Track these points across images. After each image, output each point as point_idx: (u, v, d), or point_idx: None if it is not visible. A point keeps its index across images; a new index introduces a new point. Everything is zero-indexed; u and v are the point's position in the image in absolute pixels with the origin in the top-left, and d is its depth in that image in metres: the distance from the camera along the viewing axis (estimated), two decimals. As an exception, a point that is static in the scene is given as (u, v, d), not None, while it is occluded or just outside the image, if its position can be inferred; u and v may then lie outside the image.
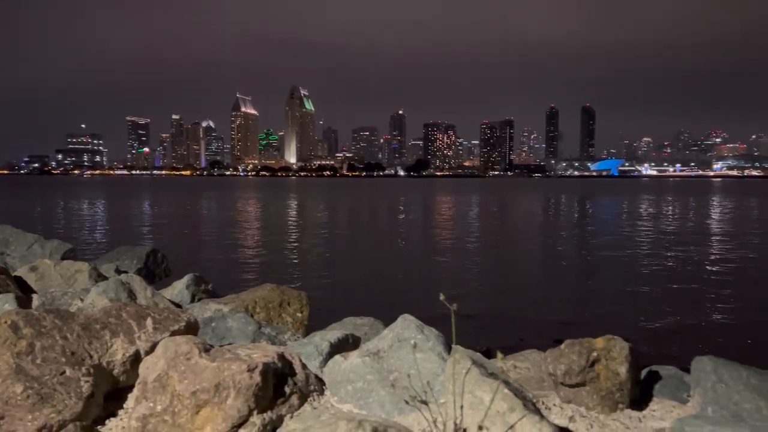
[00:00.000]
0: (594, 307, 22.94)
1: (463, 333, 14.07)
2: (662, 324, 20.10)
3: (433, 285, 25.97)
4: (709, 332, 19.16)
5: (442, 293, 3.14)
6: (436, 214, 75.13)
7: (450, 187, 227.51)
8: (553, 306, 22.78)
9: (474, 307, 22.21)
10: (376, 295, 23.20)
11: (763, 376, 3.81)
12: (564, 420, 3.79)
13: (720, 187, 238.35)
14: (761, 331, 19.26)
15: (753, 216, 74.87)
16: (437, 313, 20.80)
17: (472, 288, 26.10)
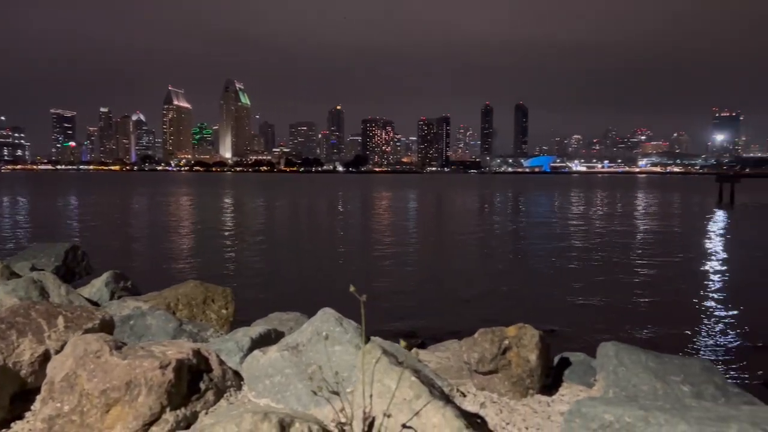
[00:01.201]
0: (514, 296, 23.68)
1: (389, 324, 14.21)
2: (576, 312, 20.97)
3: (365, 279, 26.10)
4: (618, 319, 20.13)
5: (352, 285, 3.18)
6: (372, 210, 75.43)
7: (388, 182, 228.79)
8: (477, 297, 23.37)
9: (401, 299, 22.51)
10: (306, 290, 23.13)
11: (660, 359, 4.05)
12: (476, 406, 3.91)
13: (644, 183, 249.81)
14: (664, 317, 20.39)
15: (671, 211, 78.87)
16: (370, 306, 20.92)
17: (402, 281, 26.40)
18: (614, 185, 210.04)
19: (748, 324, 19.58)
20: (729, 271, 30.11)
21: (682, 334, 18.42)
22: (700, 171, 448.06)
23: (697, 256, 34.62)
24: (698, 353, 16.54)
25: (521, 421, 3.64)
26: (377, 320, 18.49)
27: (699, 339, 18.02)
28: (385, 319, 18.93)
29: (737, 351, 17.05)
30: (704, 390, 3.79)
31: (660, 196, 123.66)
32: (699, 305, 22.33)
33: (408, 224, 54.78)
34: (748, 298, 23.84)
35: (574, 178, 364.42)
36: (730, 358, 16.50)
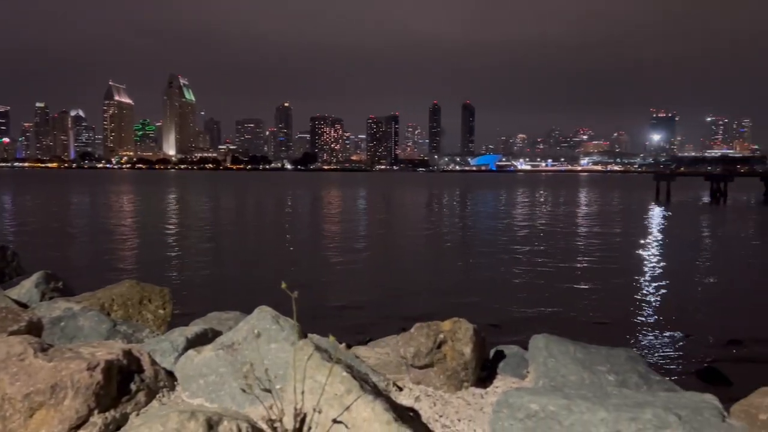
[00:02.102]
0: (458, 291, 24.15)
1: (334, 321, 14.24)
2: (515, 305, 21.54)
3: (311, 277, 26.02)
4: (554, 312, 20.81)
5: (284, 281, 3.17)
6: (320, 209, 75.12)
7: (337, 181, 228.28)
8: (422, 292, 23.69)
9: (347, 296, 22.58)
10: (248, 289, 22.90)
11: (588, 350, 4.20)
12: (410, 400, 3.96)
13: (586, 181, 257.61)
14: (599, 309, 21.17)
15: (612, 208, 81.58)
16: (318, 305, 20.81)
17: (348, 278, 26.47)
18: (558, 183, 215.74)
19: (676, 315, 20.50)
20: (663, 265, 31.42)
21: (614, 326, 19.15)
22: (639, 169, 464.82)
23: (634, 251, 35.97)
24: (628, 343, 17.21)
25: (454, 413, 3.72)
26: (322, 317, 18.47)
27: (629, 330, 18.77)
28: (329, 316, 18.93)
29: (663, 341, 17.83)
30: (628, 379, 3.95)
31: (601, 193, 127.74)
32: (632, 297, 23.22)
33: (355, 223, 54.84)
34: (679, 290, 24.95)
35: (519, 177, 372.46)
36: (655, 347, 17.25)
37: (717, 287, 25.58)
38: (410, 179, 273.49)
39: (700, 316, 20.43)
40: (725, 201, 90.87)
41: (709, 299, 23.18)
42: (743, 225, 56.60)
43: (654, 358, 16.20)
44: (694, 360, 16.02)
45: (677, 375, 14.61)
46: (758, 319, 20.01)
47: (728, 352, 16.69)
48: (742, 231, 51.14)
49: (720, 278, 27.69)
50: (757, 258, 35.21)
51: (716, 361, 15.75)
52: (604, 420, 2.80)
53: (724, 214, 71.40)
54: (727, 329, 18.38)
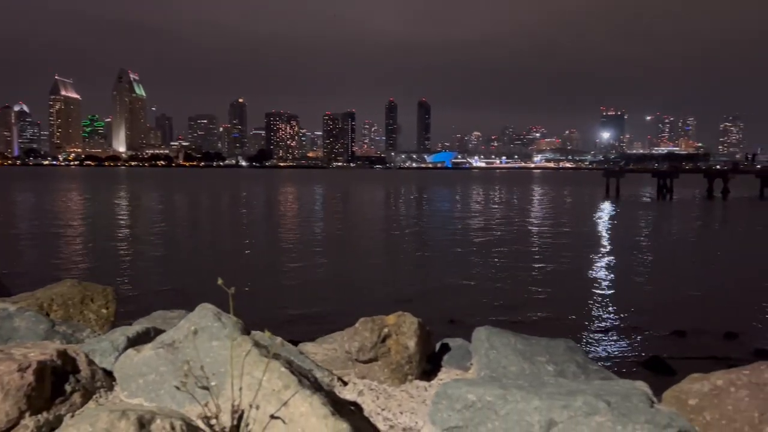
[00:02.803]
0: (409, 285, 24.40)
1: (283, 318, 14.11)
2: (464, 298, 21.89)
3: (261, 274, 25.83)
4: (502, 304, 21.26)
5: (220, 278, 3.13)
6: (274, 206, 74.47)
7: (293, 178, 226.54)
8: (371, 288, 23.81)
9: (296, 293, 22.51)
10: (196, 287, 22.53)
11: (528, 341, 4.29)
12: (354, 395, 3.97)
13: (539, 178, 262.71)
14: (545, 301, 21.69)
15: (564, 204, 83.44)
16: (269, 302, 20.59)
17: (299, 275, 26.34)
18: (512, 180, 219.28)
19: (624, 307, 21.13)
20: (610, 260, 32.33)
21: (563, 318, 19.63)
22: (590, 166, 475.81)
23: (583, 246, 36.86)
24: (576, 336, 17.67)
25: (396, 407, 3.74)
26: (272, 314, 18.38)
27: (578, 322, 19.26)
28: (281, 313, 18.84)
29: (611, 333, 18.37)
30: (567, 368, 4.05)
31: (554, 190, 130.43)
32: (581, 291, 23.82)
33: (310, 220, 54.52)
34: (626, 283, 25.72)
35: (474, 174, 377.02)
36: (603, 339, 17.75)
37: (662, 280, 26.45)
38: (367, 176, 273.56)
39: (647, 308, 21.09)
40: (671, 197, 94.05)
41: (654, 292, 23.96)
42: (688, 220, 58.73)
43: (601, 350, 16.67)
44: (640, 351, 16.55)
45: (623, 366, 15.06)
46: (701, 310, 20.81)
47: (672, 342, 17.30)
48: (686, 226, 53.05)
49: (665, 272, 28.66)
50: (699, 252, 36.59)
51: (661, 351, 16.31)
52: (537, 408, 2.87)
53: (669, 209, 73.90)
54: (672, 321, 19.03)
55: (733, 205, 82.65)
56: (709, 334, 17.98)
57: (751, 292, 23.50)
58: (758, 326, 18.82)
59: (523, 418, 2.87)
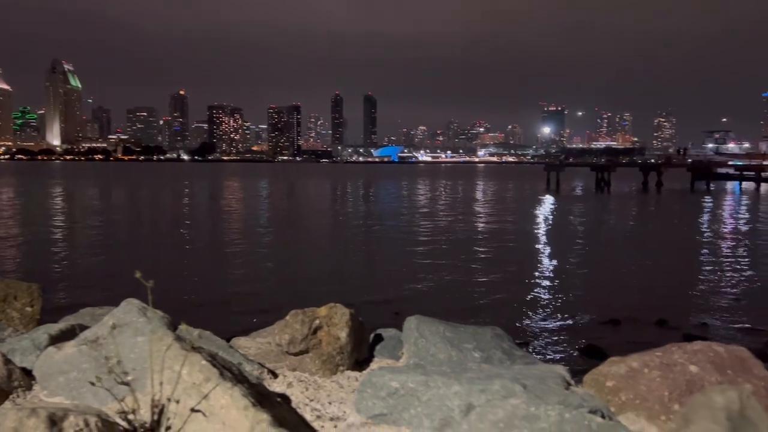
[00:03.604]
0: (343, 277, 24.45)
1: (220, 312, 13.83)
2: (399, 290, 22.11)
3: (200, 269, 25.36)
4: (438, 295, 21.56)
5: (138, 271, 3.06)
6: (216, 199, 73.09)
7: (237, 171, 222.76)
8: (311, 281, 23.75)
9: (234, 287, 22.23)
10: (132, 284, 21.92)
11: (456, 329, 4.39)
12: (283, 387, 3.97)
13: (483, 172, 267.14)
14: (482, 290, 22.11)
15: (507, 197, 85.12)
16: (206, 296, 20.18)
17: (238, 269, 26.00)
18: (457, 174, 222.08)
19: (562, 296, 21.74)
20: (550, 250, 33.21)
21: (497, 306, 20.08)
22: (532, 161, 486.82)
23: (523, 238, 37.73)
24: (513, 325, 18.11)
25: (326, 397, 3.76)
26: (208, 309, 18.09)
27: (516, 311, 19.69)
28: (218, 308, 18.57)
29: (549, 321, 18.88)
30: (493, 355, 4.16)
31: (497, 183, 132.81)
32: (520, 281, 24.35)
33: (252, 214, 53.80)
34: (564, 273, 26.47)
35: (420, 167, 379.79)
36: (542, 327, 18.22)
37: (599, 270, 27.35)
38: (313, 170, 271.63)
39: (584, 297, 21.74)
40: (609, 190, 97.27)
41: (591, 281, 24.74)
42: (624, 212, 60.92)
43: (537, 338, 17.12)
44: (575, 338, 17.06)
45: (558, 353, 15.52)
46: (635, 299, 21.61)
47: (607, 330, 17.89)
48: (622, 217, 55.04)
49: (602, 262, 29.64)
50: (635, 242, 38.04)
51: (595, 338, 16.86)
52: (457, 393, 2.94)
53: (607, 202, 76.41)
54: (608, 309, 19.67)
55: (666, 197, 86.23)
56: (642, 321, 18.63)
57: (683, 281, 24.59)
58: (688, 313, 19.67)
59: (444, 402, 2.94)
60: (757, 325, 18.20)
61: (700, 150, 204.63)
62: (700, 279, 24.83)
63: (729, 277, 25.62)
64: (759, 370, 3.59)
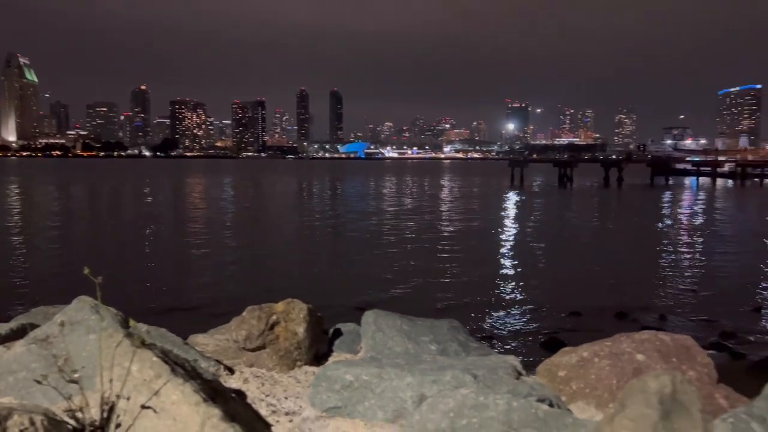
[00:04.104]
0: (305, 273, 24.44)
1: (179, 309, 13.66)
2: (361, 285, 22.20)
3: (161, 266, 24.99)
4: (400, 290, 21.72)
5: (87, 267, 3.02)
6: (178, 196, 72.00)
7: (201, 168, 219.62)
8: (268, 277, 23.68)
9: (195, 285, 22.01)
10: (89, 282, 21.53)
11: (414, 322, 4.43)
12: (239, 383, 3.95)
13: (449, 168, 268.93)
14: (449, 287, 22.33)
15: (472, 193, 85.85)
16: (165, 294, 19.90)
17: (198, 267, 25.72)
18: (423, 170, 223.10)
19: (525, 290, 22.09)
20: (512, 245, 33.67)
21: (460, 300, 20.35)
22: (497, 157, 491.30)
23: (487, 233, 38.16)
24: (477, 318, 18.36)
25: (282, 392, 3.76)
26: (166, 306, 17.89)
27: (474, 303, 19.98)
28: (177, 305, 18.37)
29: (512, 315, 19.18)
30: (449, 347, 4.22)
31: (463, 179, 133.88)
32: (484, 275, 24.64)
33: (214, 210, 53.16)
34: (527, 267, 26.87)
35: (387, 164, 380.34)
36: (505, 321, 18.50)
37: (561, 264, 27.84)
38: (279, 166, 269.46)
39: (547, 291, 22.11)
40: (571, 185, 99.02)
41: (554, 275, 25.17)
42: (586, 207, 62.11)
43: (500, 330, 17.37)
44: (537, 331, 17.37)
45: (519, 345, 15.78)
46: (596, 291, 22.08)
47: (568, 322, 18.24)
48: (584, 212, 56.11)
49: (564, 255, 30.19)
50: (596, 236, 38.85)
51: (556, 330, 17.19)
52: (410, 384, 2.99)
53: (569, 197, 77.79)
54: (569, 302, 20.06)
55: (626, 192, 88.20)
56: (603, 313, 19.04)
57: (643, 274, 25.23)
58: (647, 305, 20.19)
59: (397, 394, 2.98)
60: (712, 316, 18.82)
61: (659, 146, 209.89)
62: (659, 272, 25.51)
63: (686, 269, 26.39)
64: (702, 357, 3.72)
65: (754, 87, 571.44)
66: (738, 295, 21.56)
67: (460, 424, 2.54)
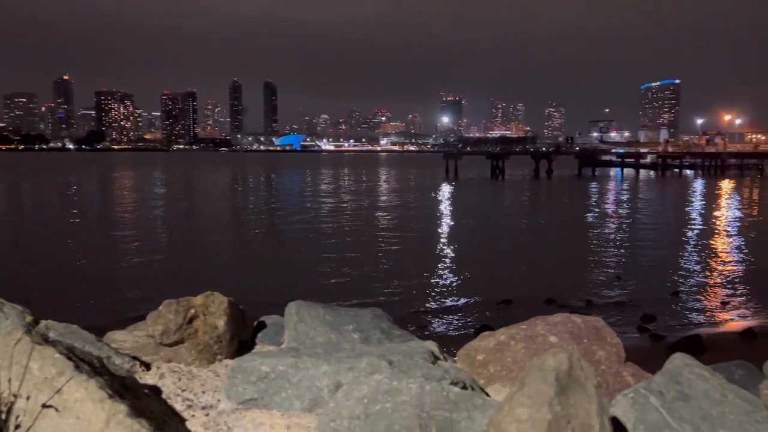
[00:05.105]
0: (233, 267, 24.21)
1: (100, 307, 13.19)
2: (291, 276, 22.21)
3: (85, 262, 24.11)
4: (325, 281, 21.86)
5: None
6: (103, 191, 69.38)
7: (129, 161, 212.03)
8: (195, 272, 23.31)
9: (119, 281, 21.41)
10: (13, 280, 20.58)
11: (337, 312, 4.43)
12: (155, 378, 3.85)
13: (386, 160, 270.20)
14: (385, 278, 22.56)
15: (409, 185, 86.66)
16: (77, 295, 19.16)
17: (122, 262, 25.01)
18: (360, 162, 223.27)
19: (458, 280, 22.54)
20: (446, 235, 34.28)
21: (393, 290, 20.66)
22: (432, 149, 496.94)
23: (422, 224, 38.65)
24: (408, 306, 18.64)
25: (199, 386, 3.68)
26: (85, 302, 17.29)
27: (408, 294, 20.32)
28: (95, 301, 17.80)
29: (445, 304, 19.54)
30: (371, 335, 4.24)
31: (399, 172, 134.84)
32: (416, 264, 24.98)
33: (140, 205, 51.50)
34: (460, 257, 27.40)
35: (323, 156, 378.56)
36: (439, 311, 18.83)
37: (493, 253, 28.54)
38: (212, 159, 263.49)
39: (479, 280, 22.64)
40: (503, 177, 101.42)
41: (486, 265, 25.77)
42: (517, 198, 63.81)
43: (434, 320, 17.68)
44: (471, 318, 17.78)
45: (453, 332, 16.13)
46: (527, 279, 22.78)
47: (499, 310, 18.75)
48: (516, 203, 57.65)
49: (496, 245, 30.95)
50: (527, 226, 40.01)
51: (487, 318, 17.64)
52: (326, 373, 2.99)
53: (502, 188, 79.73)
54: (501, 290, 20.60)
55: (556, 183, 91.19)
56: (533, 301, 19.65)
57: (571, 261, 26.21)
58: (574, 291, 21.00)
59: (314, 383, 2.98)
60: (635, 300, 19.80)
61: (586, 138, 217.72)
62: (586, 260, 26.54)
63: (612, 257, 27.58)
64: (611, 338, 3.89)
65: (673, 82, 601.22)
66: (658, 280, 22.75)
67: (374, 409, 2.55)
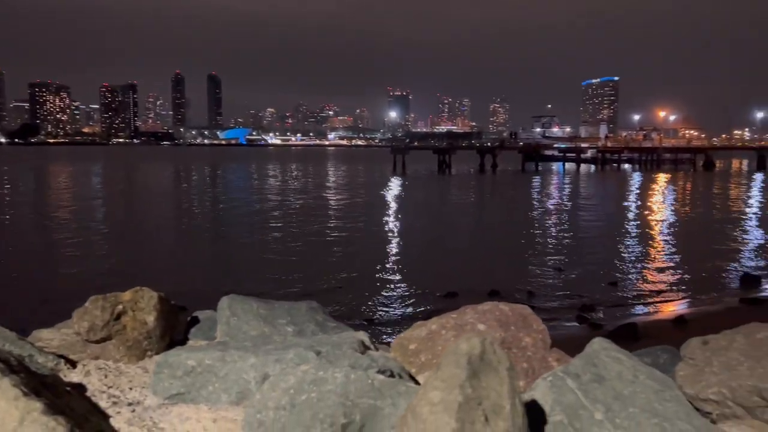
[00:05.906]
0: (166, 262, 23.85)
1: (28, 303, 12.79)
2: (228, 272, 22.06)
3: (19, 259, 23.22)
4: (266, 276, 21.80)
5: None
6: (36, 187, 66.75)
7: (65, 156, 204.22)
8: (129, 267, 22.88)
9: (47, 276, 20.82)
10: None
11: (271, 305, 4.41)
12: (81, 376, 3.75)
13: (333, 155, 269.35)
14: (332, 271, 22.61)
15: (357, 179, 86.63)
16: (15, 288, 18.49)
17: (43, 261, 24.31)
18: (308, 157, 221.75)
19: (400, 271, 22.76)
20: (393, 229, 34.50)
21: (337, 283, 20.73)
22: (380, 144, 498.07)
23: (368, 218, 38.78)
24: (352, 300, 18.73)
25: (126, 383, 3.61)
26: (16, 300, 16.70)
27: (352, 286, 20.42)
28: (22, 299, 17.27)
29: (391, 295, 19.70)
30: (306, 328, 4.24)
31: (348, 166, 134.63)
32: (362, 257, 25.13)
33: (74, 201, 49.78)
34: (406, 249, 27.66)
35: (270, 151, 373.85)
36: (384, 303, 18.96)
37: (439, 247, 28.92)
38: (153, 153, 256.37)
39: (424, 273, 22.90)
40: (450, 171, 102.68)
41: (432, 258, 26.12)
42: (463, 192, 64.76)
43: (378, 313, 17.80)
44: (416, 311, 17.99)
45: (399, 326, 16.28)
46: (472, 272, 23.19)
47: (446, 302, 19.02)
48: (462, 197, 58.50)
49: (442, 239, 31.36)
50: (473, 220, 40.66)
51: (435, 311, 17.87)
52: (253, 365, 2.99)
53: (448, 183, 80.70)
54: (446, 283, 20.90)
55: (500, 177, 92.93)
56: (477, 292, 20.02)
57: (515, 254, 26.82)
58: (517, 283, 21.53)
59: (241, 376, 2.97)
60: (575, 291, 20.46)
61: (529, 134, 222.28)
62: (530, 252, 27.20)
63: (554, 249, 28.36)
64: (537, 324, 4.02)
65: (612, 79, 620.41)
66: (597, 271, 23.56)
67: (300, 399, 2.57)
